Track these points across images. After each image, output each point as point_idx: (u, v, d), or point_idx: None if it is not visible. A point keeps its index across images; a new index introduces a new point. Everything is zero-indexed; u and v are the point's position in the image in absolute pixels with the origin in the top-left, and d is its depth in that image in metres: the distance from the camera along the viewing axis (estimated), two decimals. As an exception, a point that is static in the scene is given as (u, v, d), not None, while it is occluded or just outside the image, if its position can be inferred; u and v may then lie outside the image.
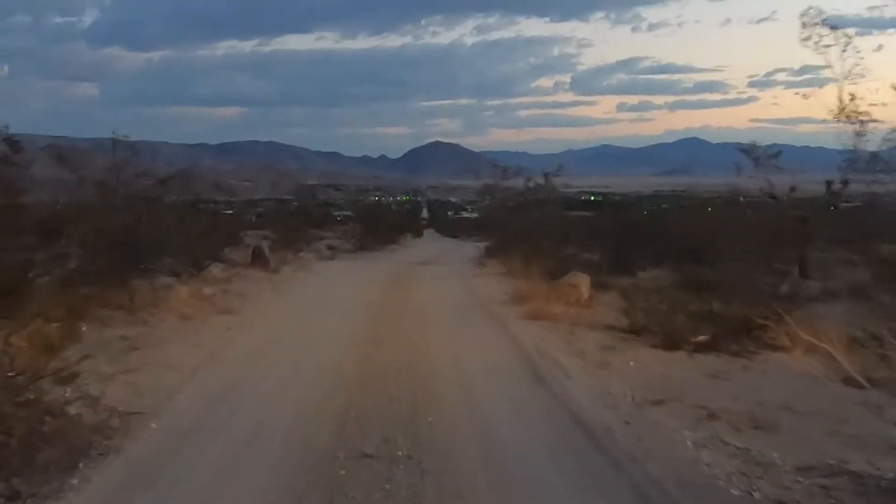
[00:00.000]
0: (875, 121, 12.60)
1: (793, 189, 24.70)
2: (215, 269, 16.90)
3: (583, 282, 14.25)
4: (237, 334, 10.50)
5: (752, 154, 16.69)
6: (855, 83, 12.20)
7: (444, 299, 14.88)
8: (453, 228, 71.53)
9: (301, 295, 15.14)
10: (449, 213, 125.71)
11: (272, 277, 17.64)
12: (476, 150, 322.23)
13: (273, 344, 9.97)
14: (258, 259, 18.87)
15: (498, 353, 9.82)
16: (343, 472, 5.37)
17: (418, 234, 52.42)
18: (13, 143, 10.61)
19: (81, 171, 17.81)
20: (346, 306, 13.55)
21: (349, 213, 63.03)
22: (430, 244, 44.61)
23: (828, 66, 12.49)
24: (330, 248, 32.10)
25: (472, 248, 38.09)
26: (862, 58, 12.52)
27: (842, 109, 12.69)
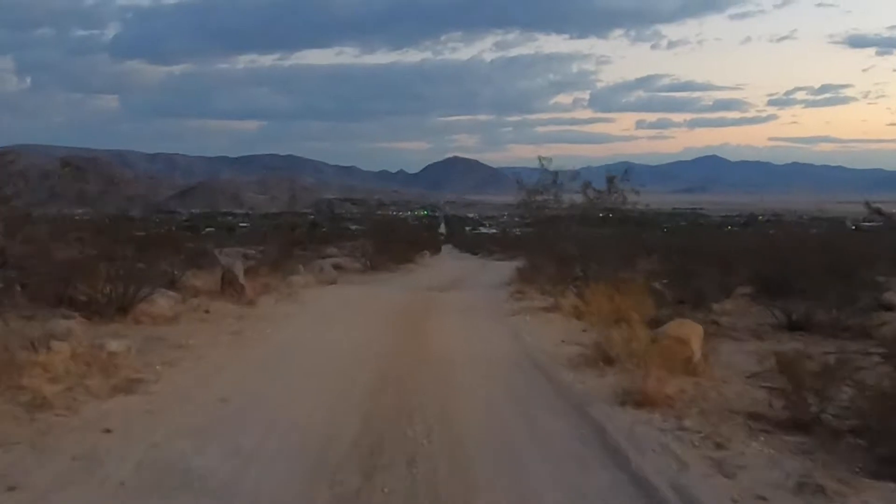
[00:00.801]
0: None
1: (908, 202, 19.60)
2: (163, 302, 12.05)
3: (694, 334, 9.22)
4: (113, 447, 5.57)
5: None
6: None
7: (479, 354, 9.91)
8: (473, 244, 66.66)
9: (270, 346, 10.17)
10: (467, 228, 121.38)
11: (243, 313, 12.75)
12: (494, 165, 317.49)
13: (166, 477, 5.04)
14: (229, 286, 14.00)
15: (604, 500, 4.85)
16: None
17: (436, 251, 47.58)
18: None
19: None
20: (331, 371, 8.59)
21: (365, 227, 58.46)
22: (451, 263, 39.67)
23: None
24: (336, 267, 27.30)
25: (498, 268, 33.14)
26: None
27: None
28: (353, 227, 66.53)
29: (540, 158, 14.95)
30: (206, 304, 13.02)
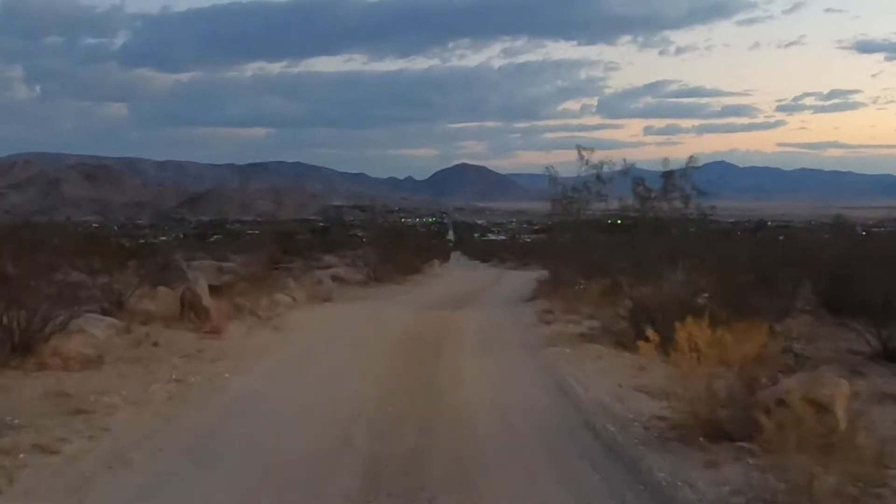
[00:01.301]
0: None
1: None
2: (96, 333, 9.07)
3: (838, 394, 6.15)
4: None
5: None
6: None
7: (515, 418, 6.87)
8: (482, 251, 63.37)
9: (216, 408, 7.06)
10: (475, 235, 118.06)
11: (202, 347, 9.74)
12: (502, 171, 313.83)
13: None
14: (190, 309, 10.99)
15: None
16: None
17: (445, 260, 44.53)
18: None
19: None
20: (294, 464, 5.53)
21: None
22: (461, 273, 36.59)
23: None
24: (335, 279, 24.33)
25: (514, 278, 30.11)
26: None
27: None
28: (361, 234, 64.12)
29: (579, 150, 12.00)
30: (157, 333, 10.04)
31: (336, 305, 16.26)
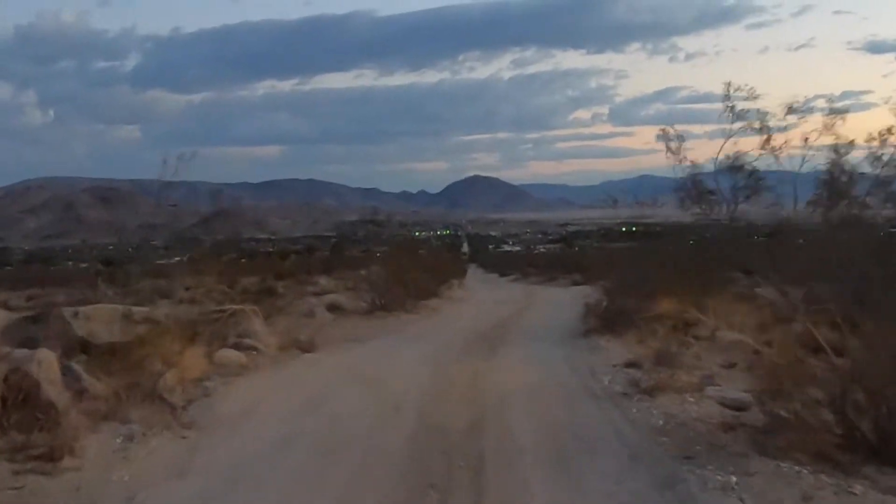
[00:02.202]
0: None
1: None
2: None
3: None
4: None
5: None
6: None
7: None
8: (500, 264, 57.97)
9: None
10: (490, 246, 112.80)
11: (7, 501, 4.65)
12: (515, 182, 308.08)
13: None
14: (19, 410, 5.87)
15: None
16: None
17: (464, 276, 39.22)
18: None
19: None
20: None
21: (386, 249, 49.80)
22: (482, 290, 31.21)
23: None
24: (333, 307, 19.23)
25: (547, 297, 24.87)
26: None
27: None
28: (366, 248, 59.58)
29: (664, 130, 6.85)
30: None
31: (319, 357, 11.04)
